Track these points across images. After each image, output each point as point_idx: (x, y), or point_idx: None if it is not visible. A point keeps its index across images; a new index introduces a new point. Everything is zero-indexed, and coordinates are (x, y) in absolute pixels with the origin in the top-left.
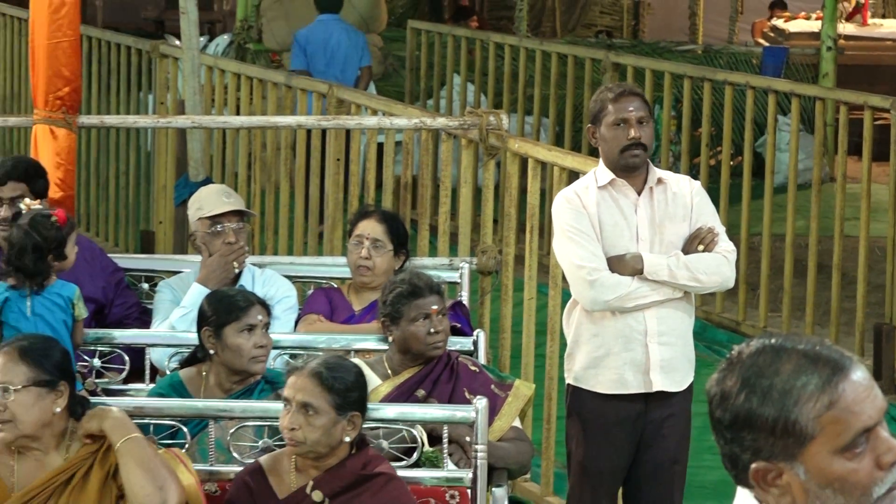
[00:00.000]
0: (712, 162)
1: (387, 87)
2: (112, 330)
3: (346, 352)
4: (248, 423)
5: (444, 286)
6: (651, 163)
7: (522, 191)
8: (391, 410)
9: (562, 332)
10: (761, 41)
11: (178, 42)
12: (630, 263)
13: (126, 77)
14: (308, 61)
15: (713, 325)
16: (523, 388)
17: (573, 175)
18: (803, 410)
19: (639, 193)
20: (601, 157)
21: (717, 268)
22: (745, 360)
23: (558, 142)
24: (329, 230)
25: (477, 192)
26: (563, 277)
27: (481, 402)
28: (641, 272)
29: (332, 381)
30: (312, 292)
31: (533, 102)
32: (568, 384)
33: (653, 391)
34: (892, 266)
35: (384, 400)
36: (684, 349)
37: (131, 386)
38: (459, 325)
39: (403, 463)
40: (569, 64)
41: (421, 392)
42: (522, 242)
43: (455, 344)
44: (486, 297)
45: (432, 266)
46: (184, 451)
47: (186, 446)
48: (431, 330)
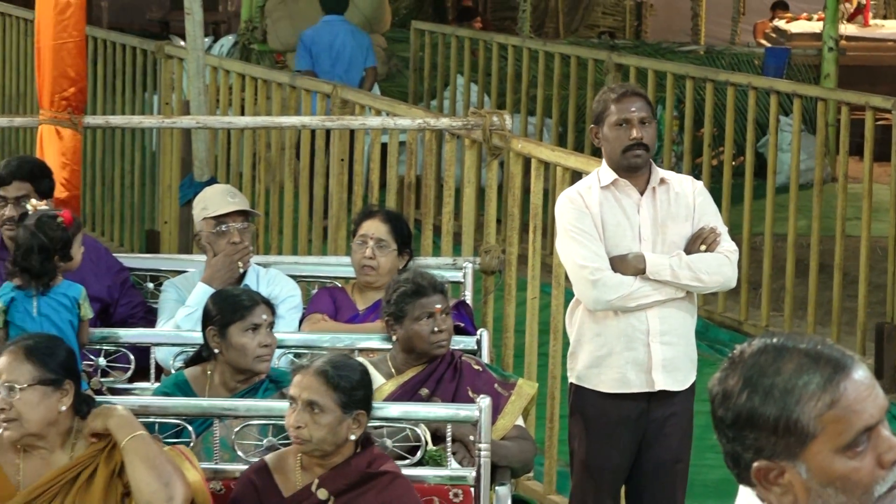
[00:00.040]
0: (714, 162)
1: (391, 88)
2: (117, 329)
3: (351, 351)
4: (252, 421)
5: (447, 286)
6: (654, 163)
7: (525, 191)
8: (395, 409)
9: (565, 332)
10: (763, 42)
11: (182, 43)
12: (632, 263)
13: (131, 77)
14: (313, 62)
15: (715, 324)
16: (526, 386)
17: (576, 175)
18: (805, 409)
19: (641, 193)
20: (604, 157)
21: (719, 268)
22: (747, 360)
23: (561, 142)
24: (333, 230)
25: (480, 192)
26: (566, 277)
27: (485, 401)
28: (644, 272)
29: (338, 380)
30: (317, 292)
31: (536, 103)
32: (571, 383)
33: (655, 390)
34: (894, 266)
35: (388, 399)
36: (686, 348)
37: (136, 385)
38: (463, 324)
39: (407, 461)
40: (572, 64)
41: (424, 391)
42: (526, 242)
43: (458, 343)
44: (489, 296)
45: (436, 266)
46: (189, 449)
47: (191, 445)
48: (435, 329)
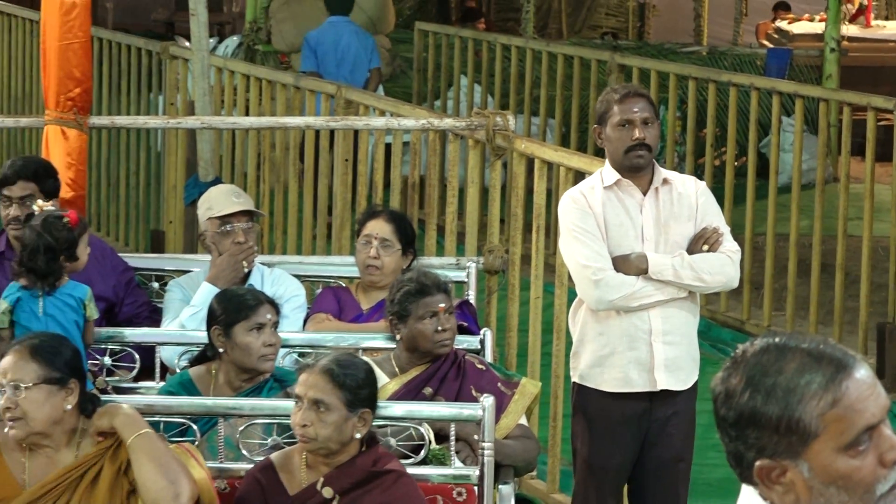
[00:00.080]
0: (717, 162)
1: (394, 89)
2: (123, 328)
3: (355, 350)
4: (257, 420)
5: (451, 285)
6: (657, 163)
7: (529, 191)
8: (399, 408)
9: (568, 331)
10: (765, 43)
11: (187, 44)
12: (635, 263)
13: (136, 78)
14: (318, 62)
15: (718, 323)
16: (530, 386)
17: (579, 175)
18: (807, 408)
19: (644, 194)
20: (607, 157)
21: (722, 268)
22: (749, 359)
23: (564, 142)
24: (337, 230)
25: (484, 192)
26: (569, 277)
27: (488, 400)
28: (646, 272)
29: (344, 378)
30: (321, 291)
31: (539, 103)
32: (574, 382)
33: (657, 390)
34: (895, 265)
35: (392, 398)
36: (689, 348)
37: (142, 384)
38: (466, 323)
39: (411, 460)
40: (575, 65)
41: (428, 390)
42: (529, 242)
43: (462, 342)
44: (492, 296)
45: (439, 265)
46: (195, 446)
47: (196, 444)
48: (439, 328)
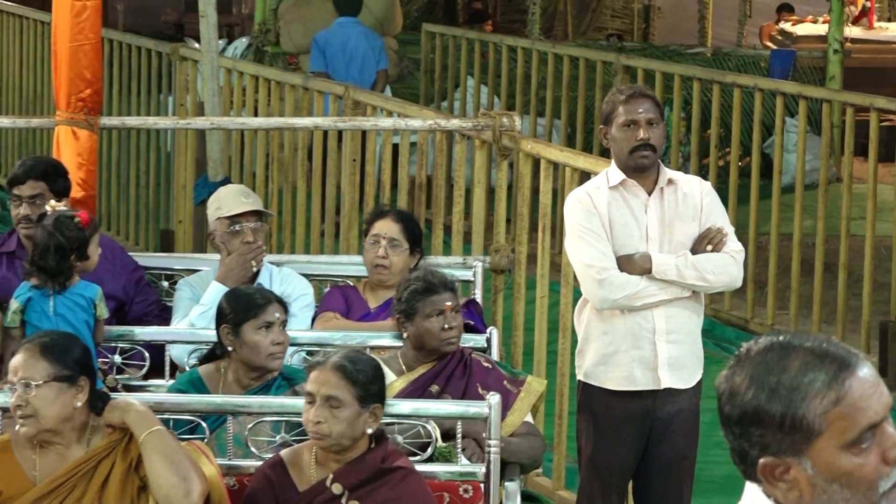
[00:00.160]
0: (721, 163)
1: (402, 90)
2: (133, 327)
3: (362, 348)
4: (265, 418)
5: (457, 284)
6: (662, 163)
7: (535, 191)
8: (406, 406)
9: (573, 330)
10: (769, 44)
11: (197, 45)
12: (639, 263)
13: (146, 79)
14: (327, 63)
15: (722, 322)
16: (535, 384)
17: (585, 175)
18: (810, 406)
19: (649, 194)
20: (613, 157)
21: (725, 268)
22: (753, 357)
23: (570, 143)
24: (345, 229)
25: (490, 192)
26: (575, 276)
27: (494, 398)
28: (650, 271)
29: (356, 374)
30: (329, 290)
31: (545, 104)
32: (579, 380)
33: (661, 388)
34: None
35: (399, 395)
36: (693, 347)
37: (151, 382)
38: (473, 322)
39: (418, 458)
40: (580, 66)
41: (435, 387)
42: (535, 241)
43: (468, 341)
44: (498, 295)
45: (446, 265)
46: (204, 444)
47: (205, 441)
48: (445, 326)
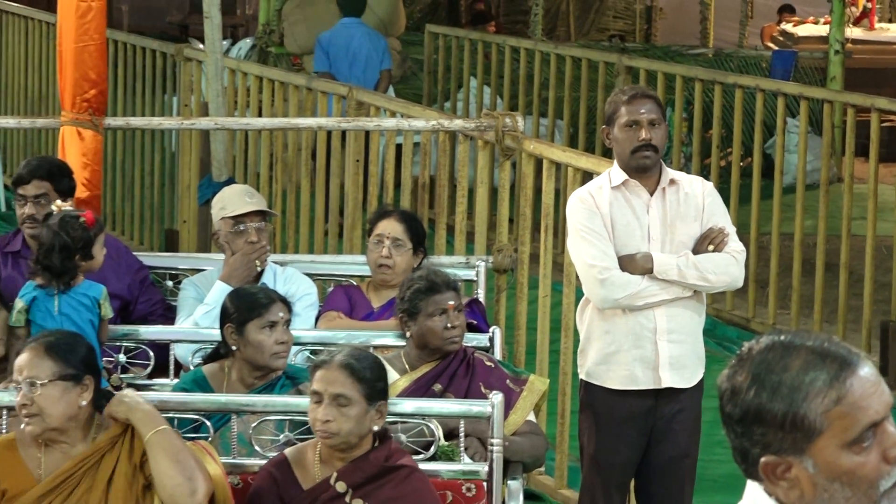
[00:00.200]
0: (723, 163)
1: (405, 90)
2: (137, 326)
3: (366, 348)
4: (269, 417)
5: (460, 284)
6: (664, 164)
7: (537, 191)
8: (409, 405)
9: (575, 329)
10: (770, 45)
11: (201, 46)
12: (640, 263)
13: (151, 80)
14: (331, 63)
15: (723, 322)
16: (538, 383)
17: (587, 175)
18: (812, 405)
19: (651, 194)
20: (615, 157)
21: (726, 268)
22: (754, 357)
23: (572, 143)
24: (348, 229)
25: (493, 192)
26: (577, 275)
27: (497, 397)
28: (651, 271)
29: (363, 372)
30: (332, 290)
31: (548, 105)
32: (581, 379)
33: (662, 387)
34: None
35: (402, 394)
36: (694, 346)
37: (156, 381)
38: (476, 321)
39: (421, 456)
40: (583, 67)
41: (438, 387)
42: (537, 241)
43: (471, 340)
44: (501, 294)
45: (449, 264)
46: (209, 443)
47: (209, 440)
48: (448, 325)
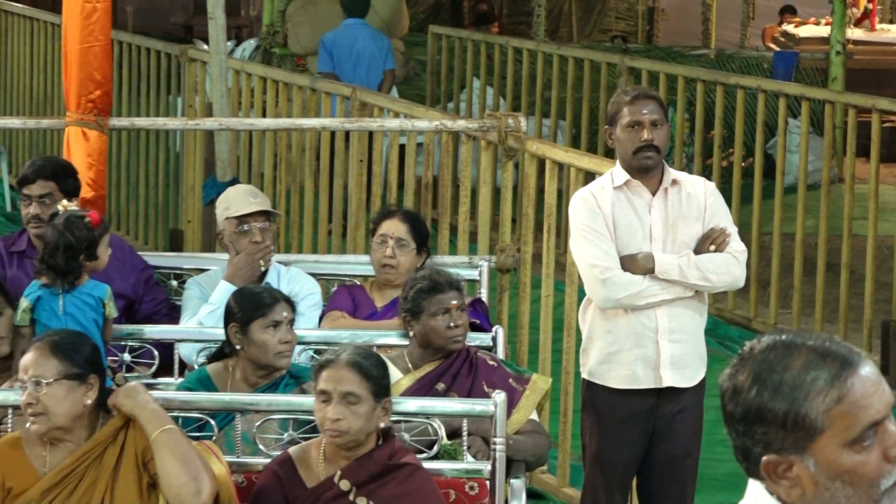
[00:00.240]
0: (724, 163)
1: (408, 91)
2: (142, 325)
3: (369, 347)
4: (273, 416)
5: (463, 283)
6: (666, 164)
7: (540, 191)
8: (412, 404)
9: (578, 328)
10: (772, 46)
11: (206, 47)
12: (642, 263)
13: (156, 80)
14: (334, 64)
15: (725, 321)
16: (540, 382)
17: (589, 176)
18: (813, 405)
19: (653, 194)
20: (617, 158)
21: (728, 268)
22: (756, 356)
23: (575, 143)
24: (352, 229)
25: (496, 193)
26: (579, 275)
27: (500, 396)
28: (653, 271)
29: (370, 369)
30: (336, 289)
31: (550, 105)
32: (583, 379)
33: (663, 387)
34: None
35: (405, 393)
36: (695, 346)
37: (160, 380)
38: (479, 321)
39: (424, 455)
40: (585, 68)
41: (441, 386)
42: (540, 241)
43: (474, 339)
44: (504, 294)
45: (452, 264)
46: (214, 443)
47: (214, 439)
48: (451, 324)
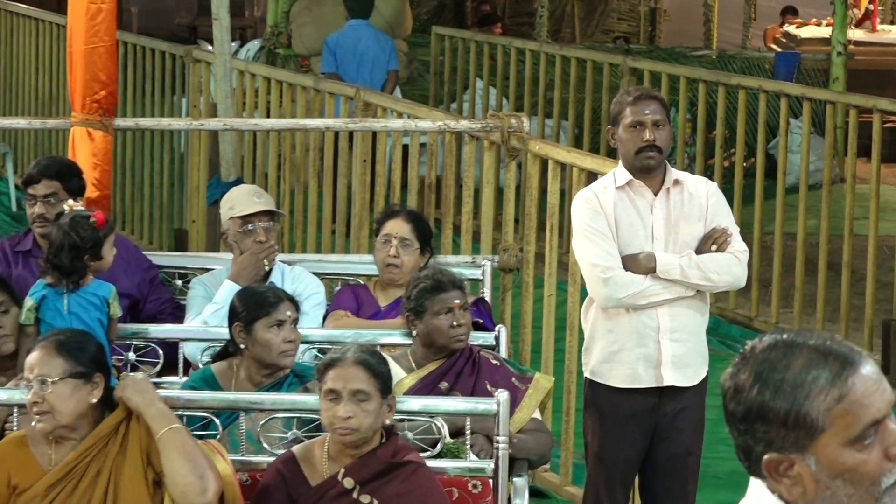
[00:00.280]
0: (726, 163)
1: (412, 91)
2: (147, 325)
3: (373, 346)
4: (277, 415)
5: (466, 282)
6: (668, 164)
7: (543, 191)
8: (415, 403)
9: (580, 327)
10: (773, 47)
11: (210, 47)
12: (643, 262)
13: (160, 81)
14: (338, 65)
15: (727, 320)
16: (543, 380)
17: (592, 176)
18: (814, 403)
19: (655, 194)
20: (620, 158)
21: (729, 268)
22: (757, 355)
23: (577, 143)
24: (356, 229)
25: (499, 192)
26: (582, 274)
27: (503, 395)
28: (654, 271)
29: (377, 367)
30: (340, 289)
31: (553, 105)
32: (585, 377)
33: (665, 386)
34: None
35: (408, 392)
36: (697, 345)
37: (165, 379)
38: (482, 320)
39: (427, 454)
40: (587, 68)
41: (444, 385)
42: (543, 241)
43: (477, 339)
44: (507, 293)
45: (455, 264)
46: (218, 442)
47: (218, 437)
48: (454, 323)
